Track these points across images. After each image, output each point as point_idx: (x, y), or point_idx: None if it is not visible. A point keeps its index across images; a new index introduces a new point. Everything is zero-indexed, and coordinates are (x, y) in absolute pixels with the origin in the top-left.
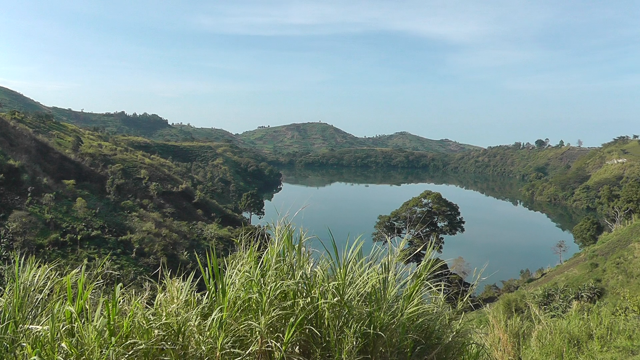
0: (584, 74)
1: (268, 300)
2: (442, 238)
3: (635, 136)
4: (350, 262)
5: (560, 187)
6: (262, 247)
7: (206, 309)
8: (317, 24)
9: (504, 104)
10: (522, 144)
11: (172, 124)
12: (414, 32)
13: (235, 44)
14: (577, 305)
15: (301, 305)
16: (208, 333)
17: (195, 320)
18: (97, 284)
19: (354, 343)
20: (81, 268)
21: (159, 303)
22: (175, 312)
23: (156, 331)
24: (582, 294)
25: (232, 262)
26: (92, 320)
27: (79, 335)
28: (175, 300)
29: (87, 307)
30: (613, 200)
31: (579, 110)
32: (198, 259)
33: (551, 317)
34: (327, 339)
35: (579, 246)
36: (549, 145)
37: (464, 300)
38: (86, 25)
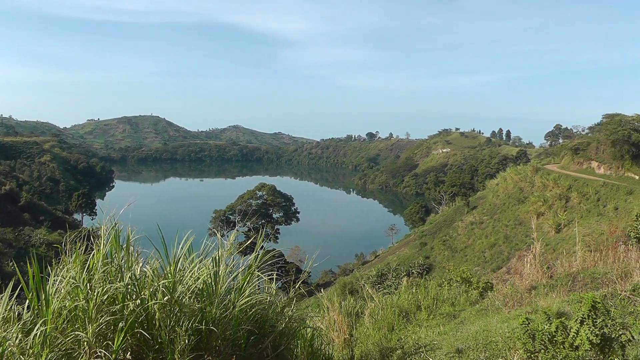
0: (411, 73)
1: (95, 307)
2: (278, 229)
3: (457, 129)
4: (181, 259)
5: (391, 175)
6: (90, 250)
7: (29, 323)
8: (148, 11)
9: (335, 99)
10: (353, 136)
11: None
12: (247, 25)
13: (61, 27)
14: (407, 281)
15: (131, 308)
16: (31, 351)
17: (16, 339)
18: None
19: (187, 341)
20: None
21: None
22: None
23: None
24: (413, 270)
25: (57, 269)
26: None
27: None
28: None
29: None
30: (439, 185)
31: (407, 106)
32: (17, 269)
33: (383, 295)
34: (159, 340)
35: (409, 228)
36: (379, 138)
37: (296, 286)
38: None
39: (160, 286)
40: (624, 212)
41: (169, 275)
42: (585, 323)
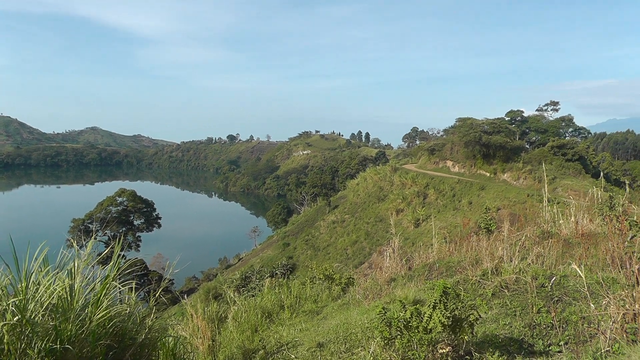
0: (270, 76)
1: None
2: (139, 236)
3: (317, 131)
4: (33, 273)
5: (253, 177)
6: None
7: None
8: None
9: (195, 100)
10: (214, 138)
11: None
12: (101, 19)
13: None
14: (270, 282)
15: None
16: None
17: None
18: None
19: None
20: None
21: None
22: None
23: None
24: (277, 271)
25: None
26: None
27: None
28: None
29: None
30: (301, 186)
31: (267, 108)
32: None
33: (247, 297)
34: None
35: (272, 229)
36: (240, 140)
37: (156, 295)
38: None
39: (10, 305)
40: (477, 206)
41: (20, 292)
42: (437, 307)
